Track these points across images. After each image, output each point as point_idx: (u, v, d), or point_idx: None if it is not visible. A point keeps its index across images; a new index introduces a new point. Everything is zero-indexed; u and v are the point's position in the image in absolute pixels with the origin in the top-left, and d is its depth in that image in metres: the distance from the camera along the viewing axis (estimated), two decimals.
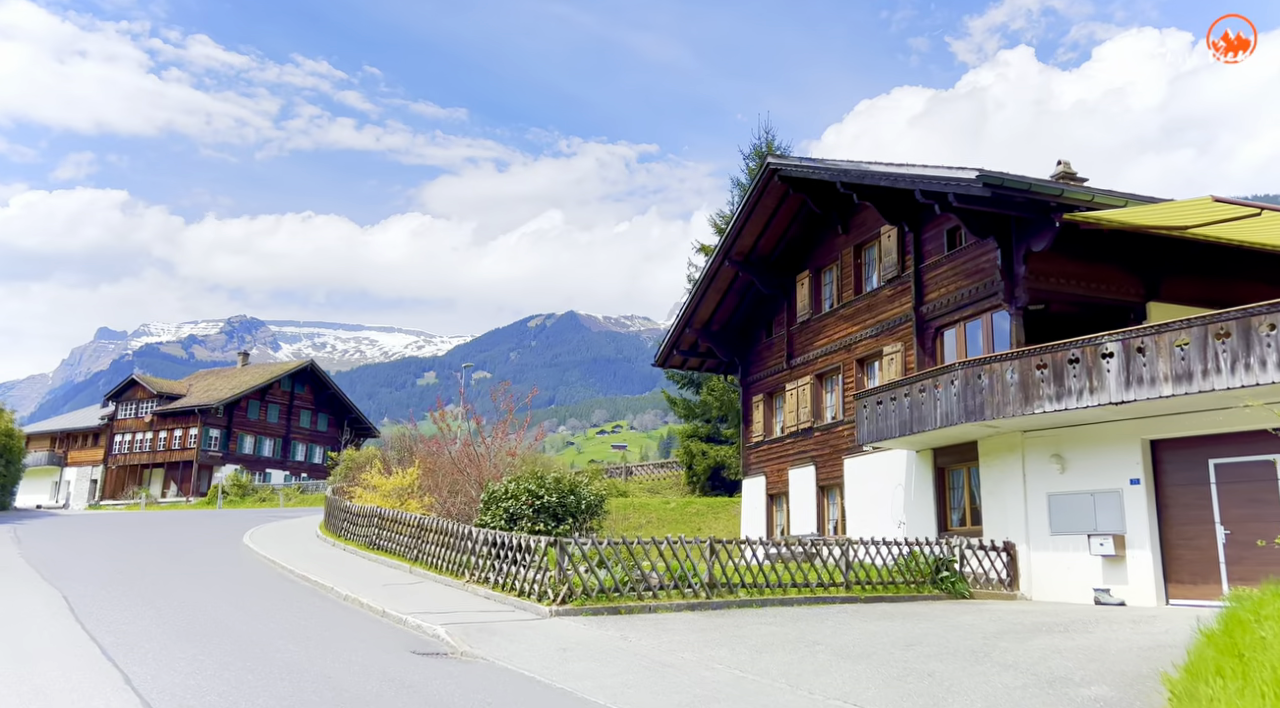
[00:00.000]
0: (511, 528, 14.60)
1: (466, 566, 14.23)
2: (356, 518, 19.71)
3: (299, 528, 24.75)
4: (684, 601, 12.89)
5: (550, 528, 14.47)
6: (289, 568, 16.37)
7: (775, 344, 25.73)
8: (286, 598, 13.40)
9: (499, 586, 13.21)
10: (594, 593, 12.28)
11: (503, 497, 14.98)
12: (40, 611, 10.87)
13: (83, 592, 12.17)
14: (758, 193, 23.20)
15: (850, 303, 22.34)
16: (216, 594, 13.21)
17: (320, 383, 67.35)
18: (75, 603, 11.19)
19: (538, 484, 14.73)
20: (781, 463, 24.79)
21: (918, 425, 17.07)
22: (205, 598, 12.78)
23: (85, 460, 63.29)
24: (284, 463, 63.98)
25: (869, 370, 21.72)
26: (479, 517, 15.28)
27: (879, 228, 21.25)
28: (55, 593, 12.06)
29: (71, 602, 11.28)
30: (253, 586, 14.42)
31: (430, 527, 15.88)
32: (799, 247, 24.66)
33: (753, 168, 36.14)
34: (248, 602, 12.84)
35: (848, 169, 19.12)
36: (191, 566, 16.50)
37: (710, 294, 26.09)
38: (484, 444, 17.58)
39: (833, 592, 14.25)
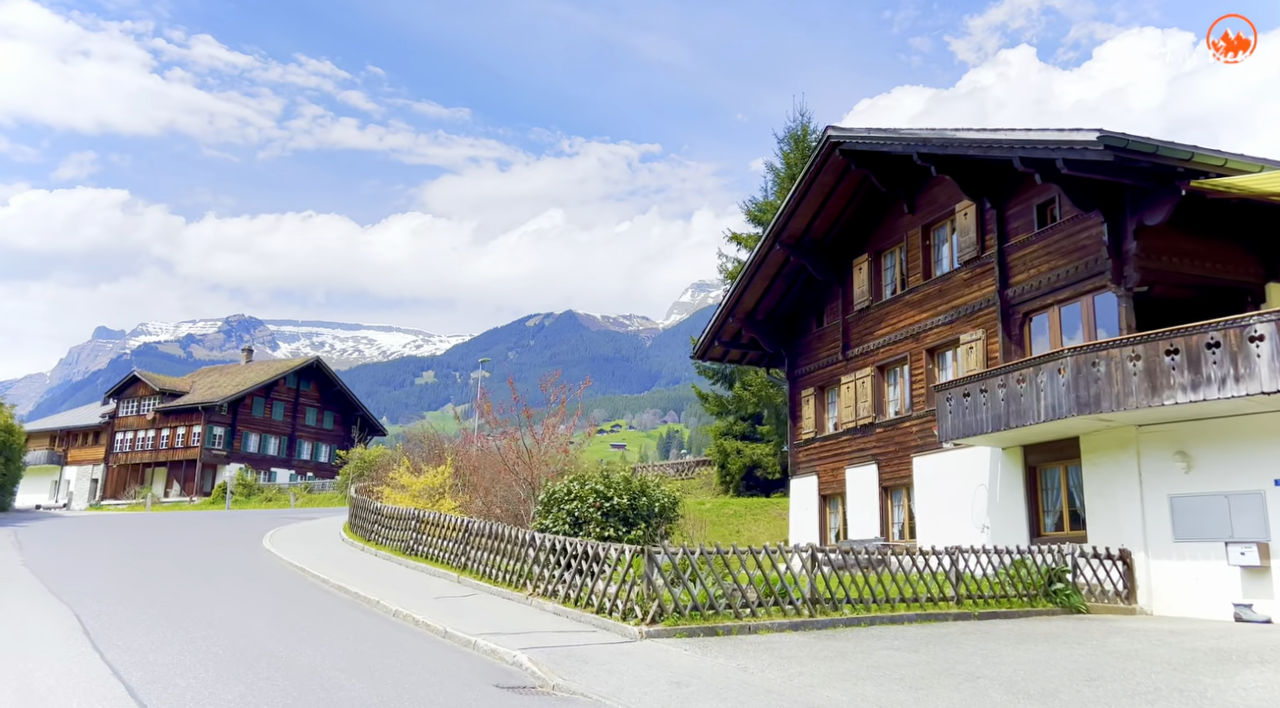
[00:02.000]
0: (576, 533, 12.94)
1: (528, 576, 12.56)
2: (389, 520, 18.05)
3: (319, 530, 23.08)
4: (785, 619, 11.24)
5: (621, 534, 12.81)
6: (321, 576, 14.71)
7: (828, 334, 24.07)
8: (329, 615, 11.74)
9: (571, 600, 11.54)
10: (686, 610, 10.61)
11: (564, 498, 13.32)
12: (50, 634, 9.21)
13: (97, 609, 10.50)
14: (815, 169, 21.52)
15: (918, 288, 20.68)
16: (248, 610, 11.54)
17: (326, 380, 65.63)
18: (90, 624, 9.52)
19: (605, 484, 13.08)
20: (837, 462, 23.13)
21: (1016, 419, 15.42)
22: (236, 615, 11.11)
23: (86, 459, 61.52)
24: (289, 462, 62.27)
25: (941, 361, 20.07)
26: (537, 520, 13.63)
27: (953, 205, 19.60)
28: (66, 611, 10.39)
29: (85, 623, 9.61)
30: (287, 599, 12.74)
31: (481, 531, 14.22)
32: (856, 228, 23.00)
33: (788, 152, 34.53)
34: (286, 620, 11.17)
35: (928, 138, 17.46)
36: (213, 575, 14.83)
37: (757, 281, 24.41)
38: (534, 439, 15.94)
39: (943, 607, 12.61)
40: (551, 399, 18.55)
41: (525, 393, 25.09)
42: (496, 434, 17.51)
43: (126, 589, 12.48)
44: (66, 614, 10.16)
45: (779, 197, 34.00)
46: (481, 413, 18.03)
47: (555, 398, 18.47)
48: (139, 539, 20.24)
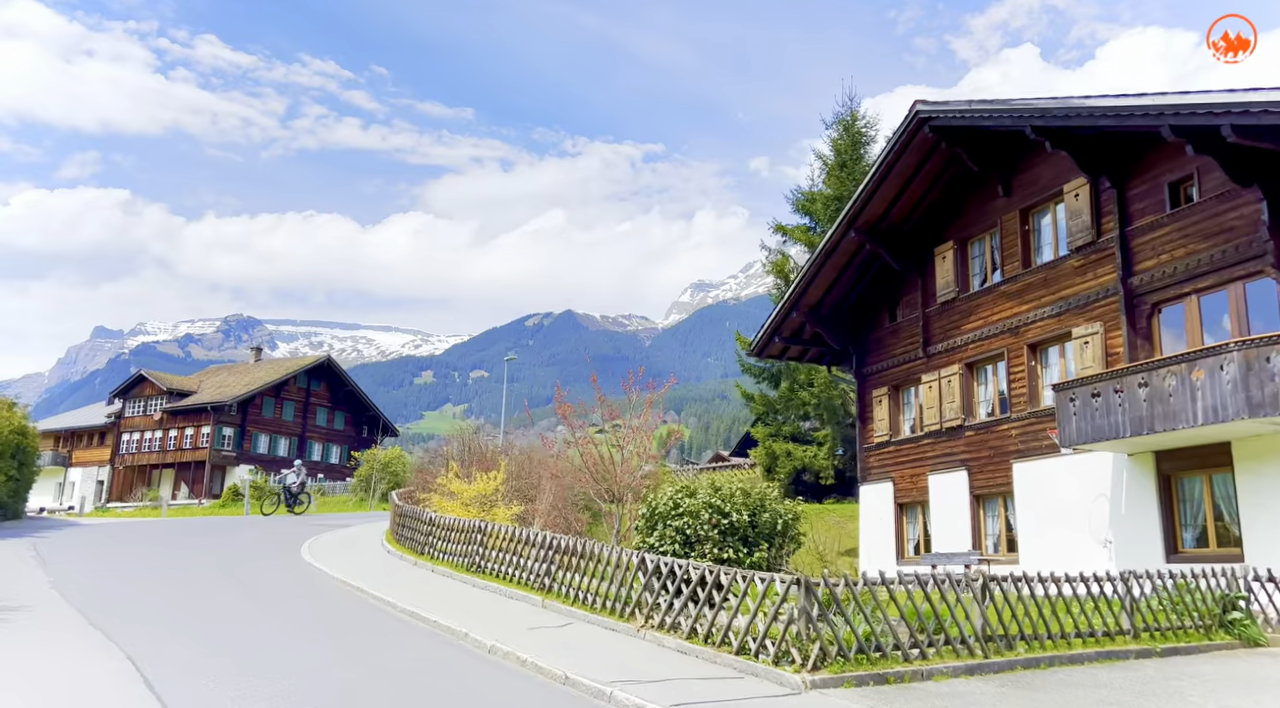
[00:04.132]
0: (688, 554, 11.19)
1: (638, 605, 10.79)
2: (446, 532, 16.28)
3: (357, 540, 21.29)
4: (958, 660, 9.50)
5: (742, 556, 11.05)
6: (387, 599, 12.94)
7: (904, 329, 22.31)
8: (415, 650, 9.96)
9: (699, 637, 9.77)
10: (851, 653, 8.84)
11: (671, 513, 11.56)
12: (102, 683, 7.45)
13: (150, 649, 8.72)
14: (899, 150, 19.76)
15: (1016, 277, 18.93)
16: (322, 647, 9.79)
17: (337, 380, 63.82)
18: (149, 671, 7.78)
19: (722, 498, 11.31)
20: (916, 467, 21.37)
21: (1163, 423, 13.68)
22: (311, 655, 9.36)
23: (91, 461, 59.66)
24: None
25: (1045, 357, 18.33)
26: (639, 538, 11.87)
27: (1060, 186, 17.87)
28: (113, 650, 8.63)
29: (142, 669, 7.86)
30: (360, 631, 10.97)
31: (569, 550, 12.45)
32: (939, 214, 21.26)
33: (837, 139, 32.76)
34: (372, 662, 9.40)
35: (1048, 108, 15.69)
36: (266, 599, 13.05)
37: (826, 271, 22.64)
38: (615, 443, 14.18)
39: (1120, 642, 10.87)
40: (633, 399, 16.77)
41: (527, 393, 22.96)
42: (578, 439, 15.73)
43: (178, 620, 10.70)
44: (116, 656, 8.38)
45: (828, 185, 32.31)
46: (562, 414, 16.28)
47: (638, 397, 16.69)
48: (167, 552, 18.46)
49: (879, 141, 33.11)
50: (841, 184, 31.45)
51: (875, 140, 32.84)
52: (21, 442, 21.30)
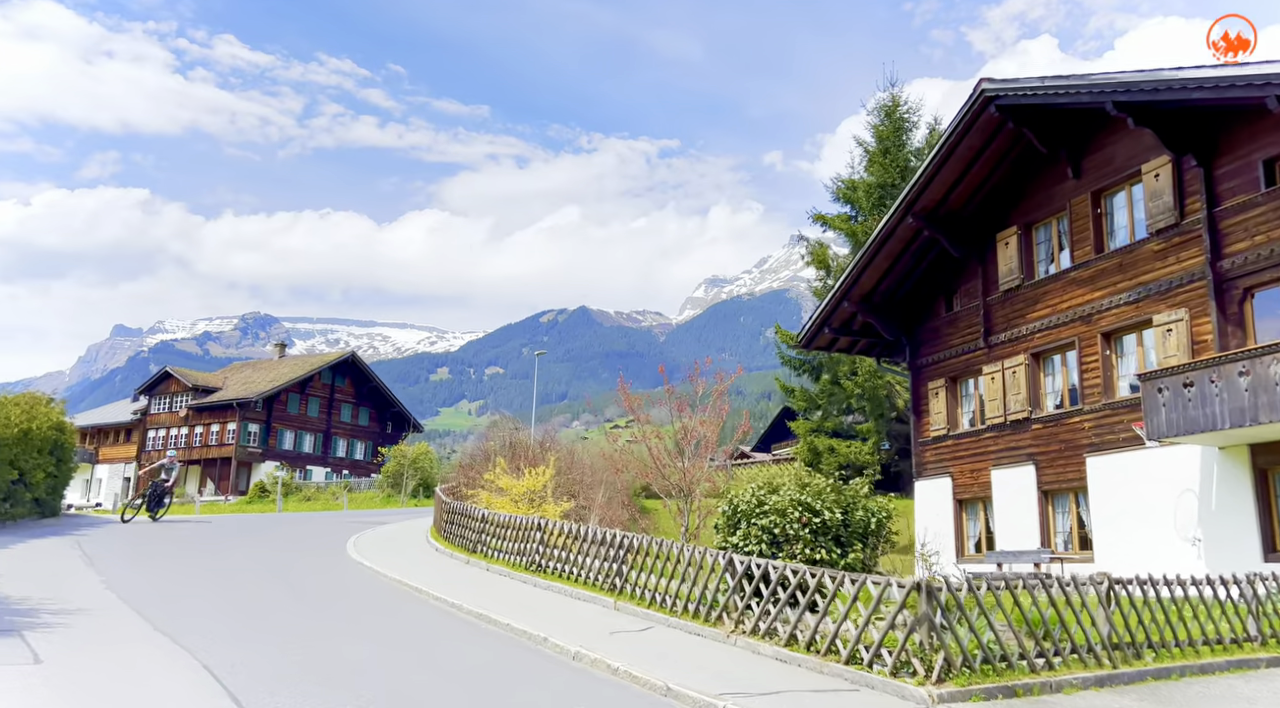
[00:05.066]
0: (776, 555, 10.49)
1: (727, 609, 10.11)
2: (501, 530, 15.66)
3: (400, 537, 20.73)
4: (1086, 672, 8.76)
5: (835, 558, 10.34)
6: (450, 600, 12.34)
7: (962, 318, 21.51)
8: (496, 657, 9.34)
9: (800, 644, 9.08)
10: (976, 664, 8.12)
11: (755, 511, 10.85)
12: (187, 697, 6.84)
13: (224, 657, 8.13)
14: (961, 130, 18.95)
15: (1088, 263, 18.10)
16: (404, 655, 9.17)
17: (361, 376, 63.47)
18: (230, 683, 7.16)
19: (812, 494, 10.60)
20: (978, 462, 20.58)
21: (1270, 413, 12.87)
22: (396, 664, 8.73)
23: (117, 457, 59.57)
24: (325, 459, 60.17)
25: (1119, 346, 17.51)
26: (720, 537, 11.18)
27: (1138, 166, 17.03)
28: (188, 659, 8.03)
29: (220, 677, 7.25)
30: (433, 636, 10.36)
31: (645, 550, 11.78)
32: (1001, 197, 20.45)
33: (878, 125, 31.90)
34: (455, 669, 8.80)
35: (1134, 82, 14.86)
36: (325, 600, 12.48)
37: (880, 259, 21.86)
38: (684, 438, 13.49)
39: (1248, 649, 10.07)
40: (699, 390, 16.06)
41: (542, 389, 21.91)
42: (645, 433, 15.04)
43: (241, 625, 10.10)
44: (194, 666, 7.77)
45: (870, 172, 31.48)
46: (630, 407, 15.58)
47: (704, 388, 15.98)
48: (211, 550, 17.95)
49: (921, 127, 32.33)
50: (885, 171, 30.64)
51: (918, 126, 32.05)
52: (59, 438, 20.85)
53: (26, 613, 9.57)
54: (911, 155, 31.29)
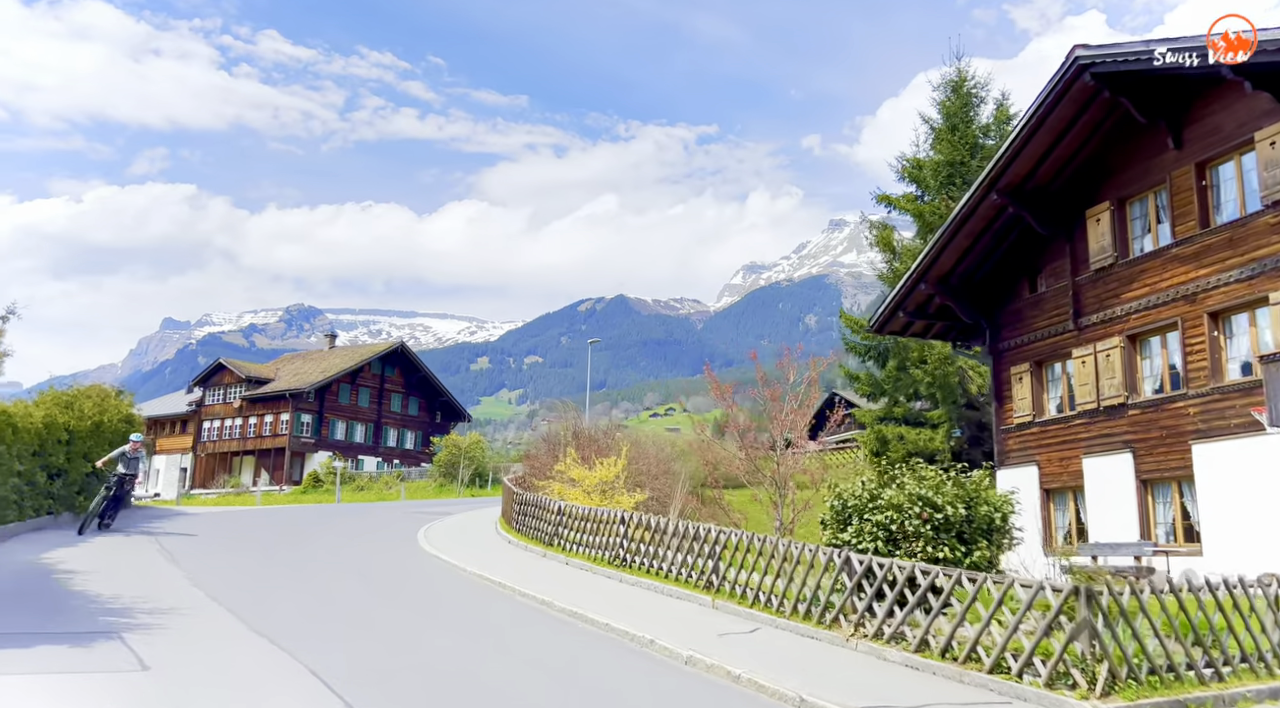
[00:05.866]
0: (892, 552, 9.83)
1: (845, 610, 9.49)
2: (581, 523, 15.21)
3: (467, 529, 20.42)
4: (1259, 683, 8.02)
5: (959, 556, 9.66)
6: (540, 598, 11.89)
7: (1048, 299, 20.53)
8: (606, 661, 8.85)
9: (931, 649, 8.42)
10: (1142, 674, 7.41)
11: (868, 506, 10.20)
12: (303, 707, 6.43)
13: (328, 661, 7.73)
14: (1051, 102, 17.95)
15: (1192, 238, 17.06)
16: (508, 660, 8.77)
17: (410, 365, 63.71)
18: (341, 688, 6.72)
19: (932, 488, 9.92)
20: (1067, 450, 19.66)
21: None
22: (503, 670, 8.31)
23: (174, 448, 60.52)
24: (376, 449, 60.54)
25: (1228, 326, 16.47)
26: (828, 534, 10.55)
27: (1250, 133, 15.95)
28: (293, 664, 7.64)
29: (334, 686, 6.81)
30: (535, 638, 9.90)
31: (746, 546, 11.20)
32: (1092, 171, 19.43)
33: (945, 100, 30.70)
34: (567, 675, 8.33)
35: (1260, 41, 13.80)
36: (412, 597, 12.12)
37: (960, 239, 20.94)
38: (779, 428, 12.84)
39: None
40: (791, 377, 15.42)
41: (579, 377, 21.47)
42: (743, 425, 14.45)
43: (337, 625, 9.73)
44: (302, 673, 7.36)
45: (937, 150, 30.32)
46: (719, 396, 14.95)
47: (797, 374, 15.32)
48: (284, 543, 17.76)
49: (989, 103, 31.13)
50: (953, 148, 29.48)
51: (986, 101, 30.81)
52: (129, 430, 20.82)
53: (121, 613, 9.28)
54: (979, 132, 30.12)
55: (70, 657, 7.29)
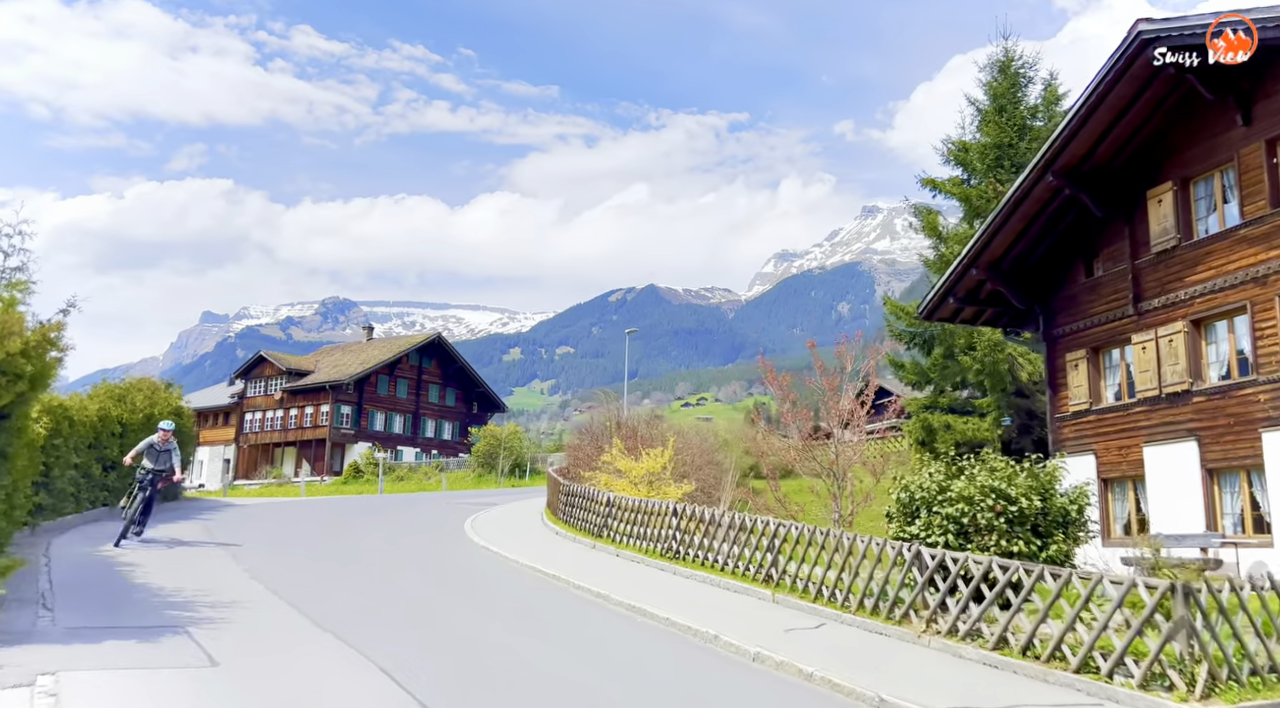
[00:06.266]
0: (964, 546, 9.51)
1: (914, 606, 9.19)
2: (631, 515, 15.06)
3: (512, 520, 20.37)
4: None
5: (1035, 550, 9.32)
6: (595, 590, 11.74)
7: (1105, 284, 19.92)
8: (670, 657, 8.65)
9: (1010, 647, 8.11)
10: (1243, 676, 7.04)
11: (936, 499, 9.88)
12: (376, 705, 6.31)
13: (395, 656, 7.65)
14: (1112, 80, 17.32)
15: (1261, 219, 16.40)
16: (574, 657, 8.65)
17: (447, 357, 64.04)
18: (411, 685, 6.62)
19: (1004, 479, 9.59)
20: (1126, 438, 19.08)
21: None
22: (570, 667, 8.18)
23: (217, 440, 61.44)
24: (414, 439, 60.97)
25: None
26: (894, 527, 10.26)
27: None
28: (359, 660, 7.53)
29: (404, 683, 6.72)
30: (597, 633, 9.76)
31: (803, 539, 10.94)
32: (1153, 151, 18.76)
33: (993, 81, 29.98)
34: (633, 671, 8.14)
35: None
36: (468, 590, 12.03)
37: (1014, 222, 20.36)
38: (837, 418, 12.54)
39: None
40: (848, 365, 15.11)
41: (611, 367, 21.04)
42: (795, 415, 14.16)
43: (399, 619, 9.64)
44: (370, 670, 7.24)
45: (984, 132, 29.63)
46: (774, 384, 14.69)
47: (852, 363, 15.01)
48: (335, 535, 17.85)
49: (1037, 83, 30.34)
50: (1000, 131, 28.78)
51: (1034, 82, 30.04)
52: (179, 423, 21.02)
53: (184, 606, 9.28)
54: (1027, 113, 29.37)
55: (138, 652, 7.25)
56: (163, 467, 14.66)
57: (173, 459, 14.92)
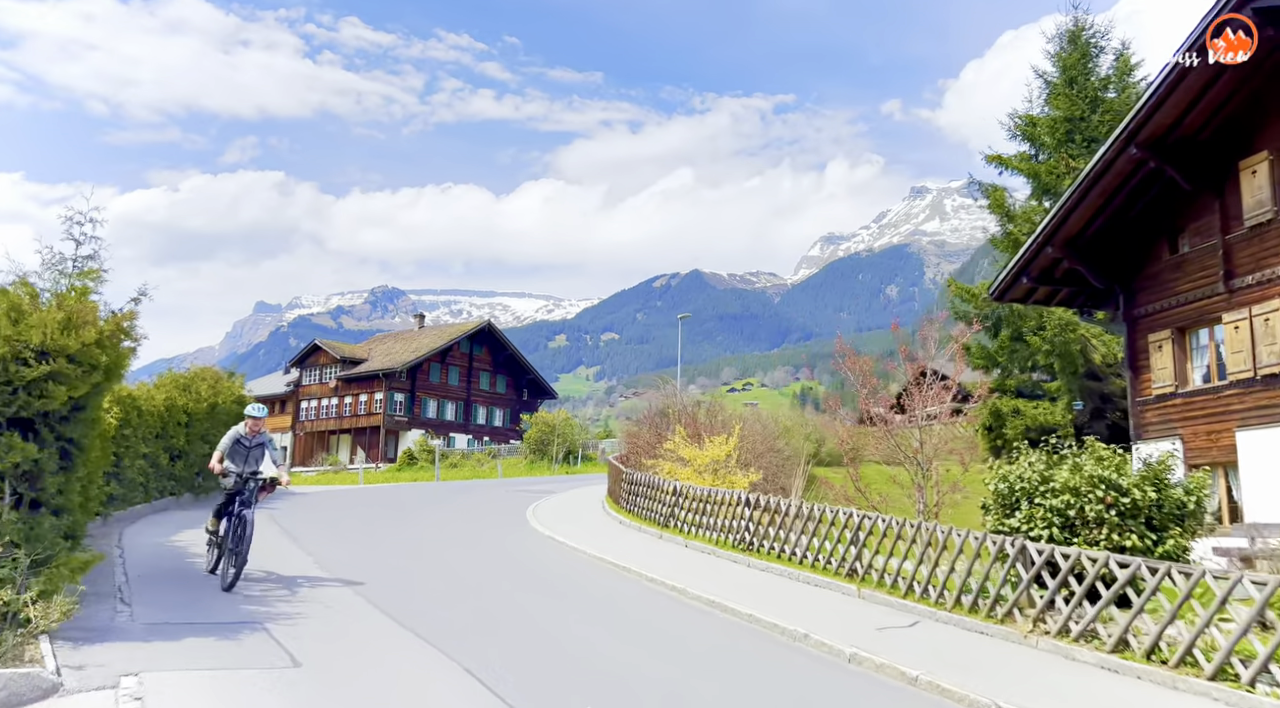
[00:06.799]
0: (1069, 540, 8.92)
1: (1018, 604, 8.62)
2: (700, 505, 14.65)
3: (572, 507, 20.12)
4: None
5: (1149, 545, 8.69)
6: (671, 584, 11.37)
7: (1193, 260, 18.90)
8: (761, 658, 8.26)
9: (1132, 650, 7.55)
10: None
11: (1037, 490, 9.29)
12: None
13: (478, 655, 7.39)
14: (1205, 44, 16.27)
15: None
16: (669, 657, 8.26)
17: (498, 344, 64.24)
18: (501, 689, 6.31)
19: (1114, 469, 8.97)
20: (1216, 423, 18.11)
21: None
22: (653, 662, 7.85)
23: (274, 428, 62.44)
24: (466, 427, 61.36)
25: None
26: (992, 519, 9.70)
27: None
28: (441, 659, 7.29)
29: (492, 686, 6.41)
30: (669, 621, 9.41)
31: (891, 532, 10.42)
32: (1246, 119, 17.69)
33: (1062, 52, 28.80)
34: (733, 675, 7.74)
35: None
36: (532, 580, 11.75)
37: (1093, 197, 19.41)
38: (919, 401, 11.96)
39: None
40: (934, 348, 14.53)
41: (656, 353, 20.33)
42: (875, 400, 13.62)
43: (474, 615, 9.37)
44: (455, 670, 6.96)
45: (1054, 105, 28.50)
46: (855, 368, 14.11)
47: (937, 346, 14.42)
48: (398, 523, 17.80)
49: (1109, 53, 29.04)
50: (1071, 104, 27.64)
51: (1105, 52, 28.76)
52: (241, 411, 21.11)
53: (259, 600, 9.12)
54: (1100, 85, 28.13)
55: (219, 650, 7.06)
56: (255, 468, 10.71)
57: (270, 456, 10.96)
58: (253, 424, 10.93)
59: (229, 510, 10.39)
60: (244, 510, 10.13)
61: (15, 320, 7.42)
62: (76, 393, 7.72)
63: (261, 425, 11.05)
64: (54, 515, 7.81)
